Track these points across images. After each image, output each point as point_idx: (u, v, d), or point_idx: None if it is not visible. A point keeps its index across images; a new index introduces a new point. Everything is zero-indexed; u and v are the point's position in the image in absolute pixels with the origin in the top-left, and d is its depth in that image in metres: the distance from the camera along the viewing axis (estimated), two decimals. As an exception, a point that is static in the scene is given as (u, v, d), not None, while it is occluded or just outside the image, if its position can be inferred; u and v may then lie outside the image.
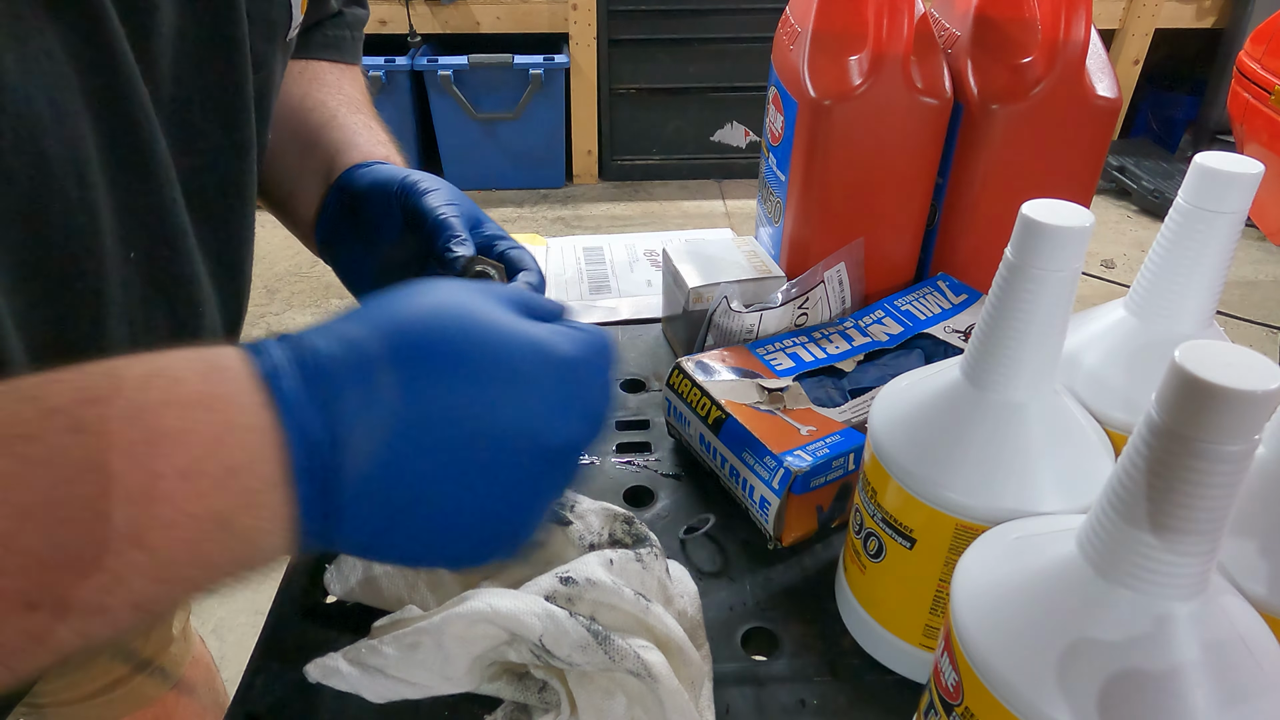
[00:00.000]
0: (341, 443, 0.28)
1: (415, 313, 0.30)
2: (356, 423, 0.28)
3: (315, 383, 0.28)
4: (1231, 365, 0.26)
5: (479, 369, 0.30)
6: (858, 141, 0.65)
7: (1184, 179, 0.42)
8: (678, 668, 0.43)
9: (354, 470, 0.28)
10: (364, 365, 0.28)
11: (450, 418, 0.29)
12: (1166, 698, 0.29)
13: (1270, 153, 1.48)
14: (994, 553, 0.36)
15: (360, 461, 0.28)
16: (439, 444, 0.29)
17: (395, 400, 0.28)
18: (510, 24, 2.78)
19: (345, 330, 0.29)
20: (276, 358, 0.28)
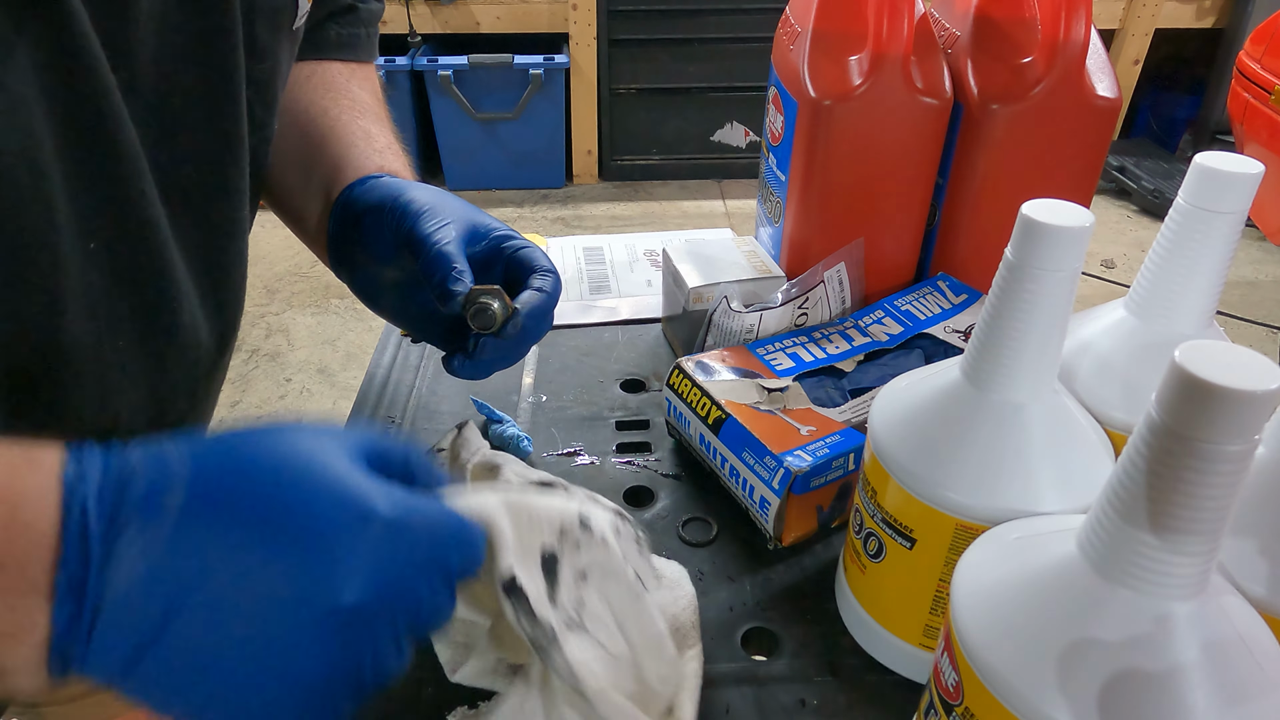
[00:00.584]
0: (108, 570, 0.27)
1: (231, 464, 0.29)
2: (126, 554, 0.27)
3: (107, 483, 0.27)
4: (1231, 365, 0.26)
5: (262, 524, 0.28)
6: (858, 141, 0.66)
7: (1184, 179, 0.42)
8: (648, 666, 0.41)
9: (115, 594, 0.27)
10: (154, 507, 0.28)
11: (213, 566, 0.28)
12: (1166, 698, 0.29)
13: (1270, 153, 1.48)
14: (994, 553, 0.36)
15: (122, 589, 0.27)
16: (200, 594, 0.28)
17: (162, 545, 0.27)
18: (510, 24, 2.78)
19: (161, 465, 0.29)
20: (87, 463, 0.28)
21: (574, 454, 0.64)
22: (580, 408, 0.69)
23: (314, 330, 2.30)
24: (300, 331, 2.29)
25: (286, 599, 0.28)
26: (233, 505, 0.28)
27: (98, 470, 0.28)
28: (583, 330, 0.79)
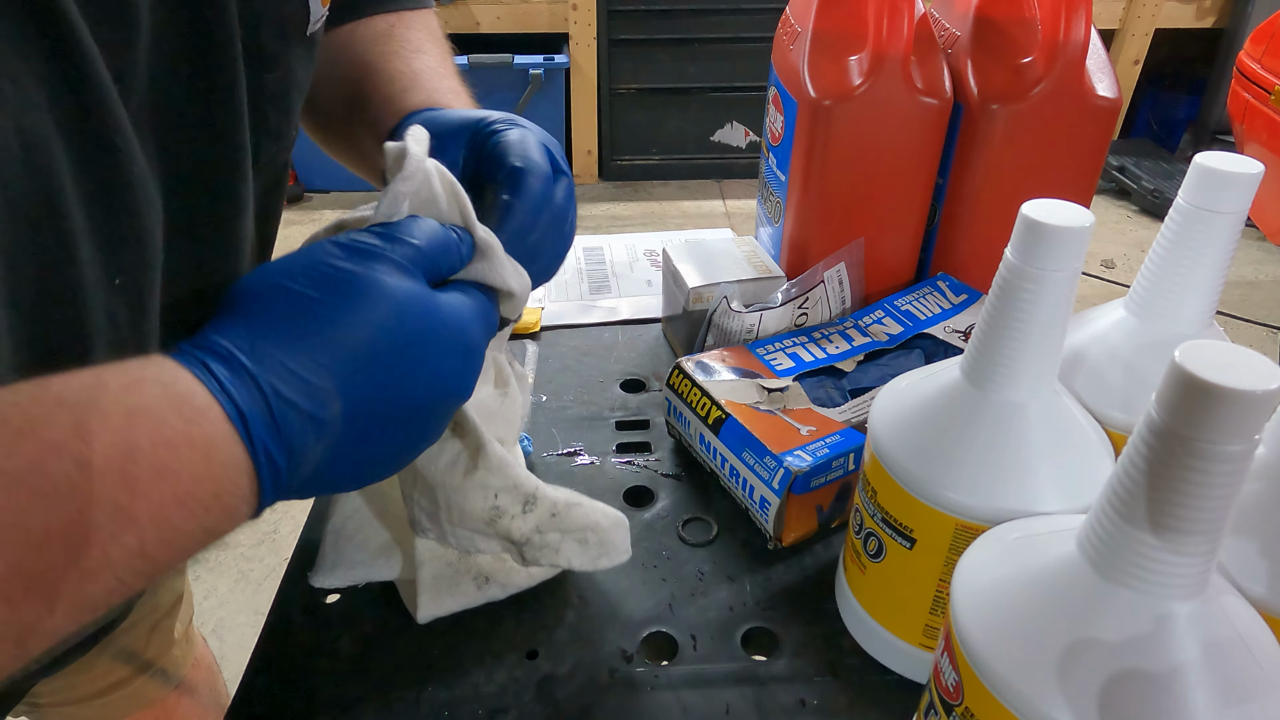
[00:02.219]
0: (298, 463, 0.33)
1: (346, 334, 0.34)
2: (310, 445, 0.33)
3: (276, 420, 0.32)
4: (1231, 365, 0.26)
5: (398, 368, 0.35)
6: (858, 141, 0.66)
7: (1184, 179, 0.42)
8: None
9: (305, 471, 0.34)
10: (314, 396, 0.33)
11: (374, 412, 0.35)
12: (1166, 698, 0.29)
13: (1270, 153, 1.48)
14: (994, 553, 0.36)
15: (309, 465, 0.34)
16: (368, 431, 0.35)
17: (334, 415, 0.33)
18: (510, 24, 2.78)
19: (288, 358, 0.33)
20: (241, 401, 0.31)
21: (574, 454, 0.64)
22: (580, 408, 0.69)
23: (314, 330, 2.29)
24: (300, 331, 2.28)
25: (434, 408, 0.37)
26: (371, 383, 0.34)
27: (255, 406, 0.32)
28: (583, 330, 0.79)
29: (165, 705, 0.79)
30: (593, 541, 0.49)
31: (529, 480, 0.45)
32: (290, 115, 0.50)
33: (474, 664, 0.49)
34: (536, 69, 2.69)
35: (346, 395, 0.33)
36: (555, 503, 0.46)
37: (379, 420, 0.35)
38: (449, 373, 0.37)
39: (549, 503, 0.46)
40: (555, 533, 0.47)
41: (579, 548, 0.48)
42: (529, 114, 2.80)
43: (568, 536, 0.48)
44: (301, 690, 0.48)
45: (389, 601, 0.52)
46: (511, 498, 0.45)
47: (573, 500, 0.47)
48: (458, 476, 0.44)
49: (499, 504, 0.44)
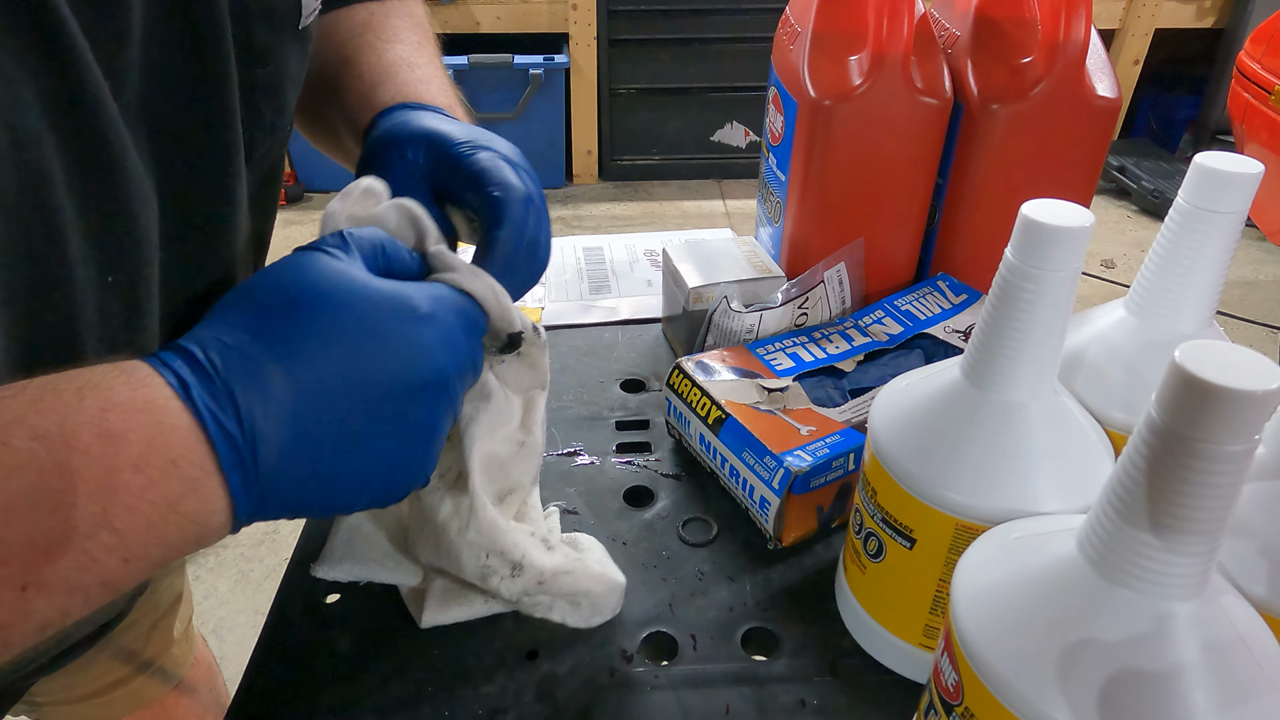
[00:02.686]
0: (247, 431, 0.32)
1: (275, 298, 0.35)
2: (257, 412, 0.33)
3: (216, 384, 0.32)
4: (1231, 365, 0.26)
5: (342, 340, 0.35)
6: (858, 141, 0.66)
7: (1184, 179, 0.42)
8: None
9: (268, 450, 0.33)
10: (249, 364, 0.33)
11: (327, 385, 0.34)
12: (1166, 698, 0.29)
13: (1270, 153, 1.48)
14: (994, 553, 0.36)
15: (269, 442, 0.33)
16: (327, 408, 0.34)
17: (280, 385, 0.33)
18: (510, 24, 2.78)
19: (224, 334, 0.34)
20: (179, 369, 0.32)
21: (574, 454, 0.64)
22: (580, 408, 0.69)
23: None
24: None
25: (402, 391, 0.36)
26: (308, 339, 0.34)
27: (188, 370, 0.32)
28: (583, 330, 0.79)
29: (165, 704, 0.79)
30: (585, 605, 0.49)
31: (515, 548, 0.45)
32: (284, 110, 0.49)
33: (474, 664, 0.49)
34: (536, 69, 2.69)
35: (279, 356, 0.33)
36: (542, 571, 0.46)
37: (335, 394, 0.34)
38: (403, 343, 0.36)
39: (535, 571, 0.46)
40: (545, 595, 0.47)
41: (571, 608, 0.49)
42: (529, 114, 2.82)
43: (559, 599, 0.48)
44: (301, 690, 0.48)
45: (389, 601, 0.52)
46: (500, 561, 0.45)
47: (563, 569, 0.47)
48: (453, 531, 0.45)
49: (489, 564, 0.45)
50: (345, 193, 0.42)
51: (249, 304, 0.35)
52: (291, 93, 0.50)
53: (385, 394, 0.35)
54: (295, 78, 0.50)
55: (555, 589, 0.47)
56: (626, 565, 0.55)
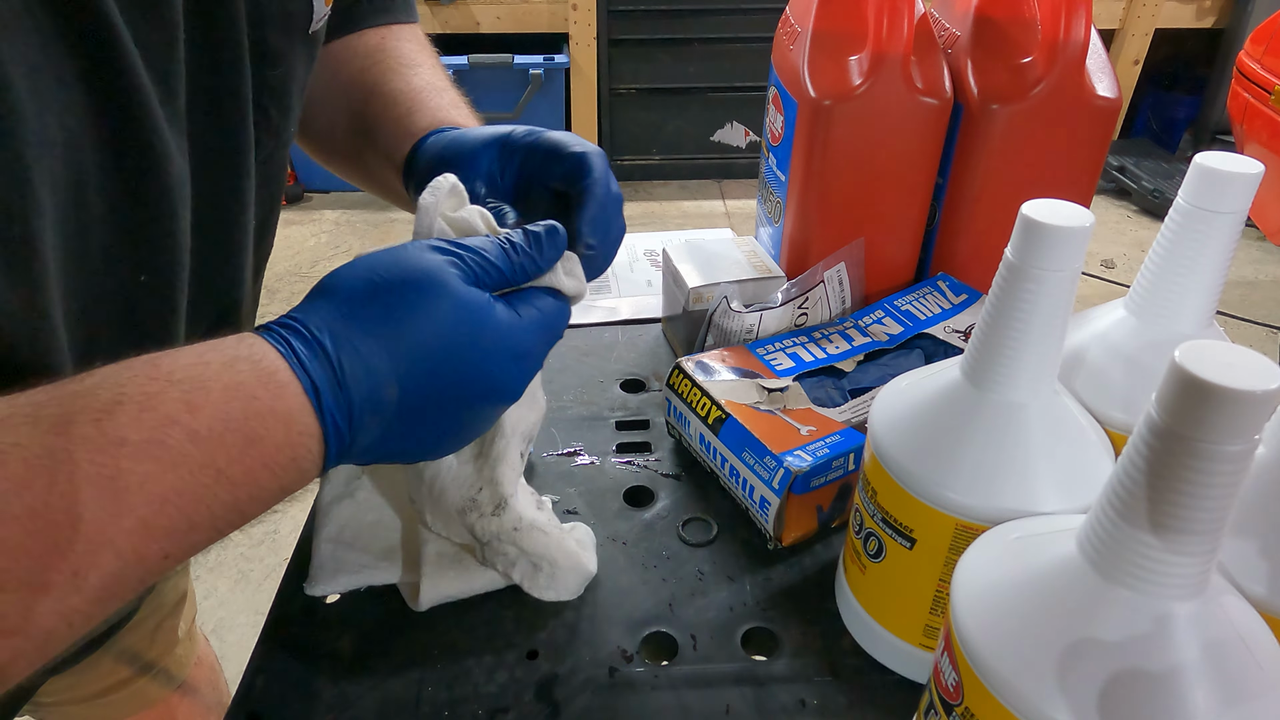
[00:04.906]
0: (356, 435, 0.37)
1: (410, 331, 0.37)
2: (365, 423, 0.37)
3: (342, 403, 0.36)
4: (1231, 365, 0.26)
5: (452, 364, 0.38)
6: (858, 141, 0.66)
7: (1184, 179, 0.42)
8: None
9: (361, 441, 0.37)
10: (373, 379, 0.36)
11: (429, 403, 0.38)
12: (1166, 698, 0.29)
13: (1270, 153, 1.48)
14: (994, 553, 0.36)
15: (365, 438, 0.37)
16: (423, 418, 0.38)
17: (393, 402, 0.37)
18: (510, 24, 2.78)
19: (359, 341, 0.36)
20: (314, 374, 0.35)
21: (574, 454, 0.64)
22: (580, 408, 0.69)
23: (314, 330, 2.29)
24: (300, 331, 2.28)
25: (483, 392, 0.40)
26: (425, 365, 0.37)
27: (325, 384, 0.35)
28: (583, 330, 0.79)
29: (168, 705, 0.79)
30: (544, 571, 0.50)
31: (509, 486, 0.46)
32: (290, 112, 0.50)
33: (474, 664, 0.49)
34: (536, 69, 2.69)
35: (403, 383, 0.36)
36: (520, 518, 0.47)
37: (431, 408, 0.38)
38: (499, 375, 0.39)
39: (514, 516, 0.47)
40: (512, 546, 0.48)
41: (531, 570, 0.50)
42: (529, 114, 2.82)
43: (524, 555, 0.49)
44: (301, 690, 0.48)
45: (389, 601, 0.52)
46: (489, 495, 0.46)
47: (539, 525, 0.48)
48: (463, 455, 0.46)
49: (477, 498, 0.46)
50: (434, 187, 0.43)
51: (385, 311, 0.37)
52: (297, 96, 0.50)
53: (470, 408, 0.39)
54: (301, 81, 0.50)
55: (526, 543, 0.48)
56: (626, 565, 0.55)
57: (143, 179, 0.38)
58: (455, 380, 0.38)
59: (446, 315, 0.37)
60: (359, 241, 2.71)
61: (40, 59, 0.32)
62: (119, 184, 0.37)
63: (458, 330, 0.38)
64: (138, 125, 0.37)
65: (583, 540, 0.53)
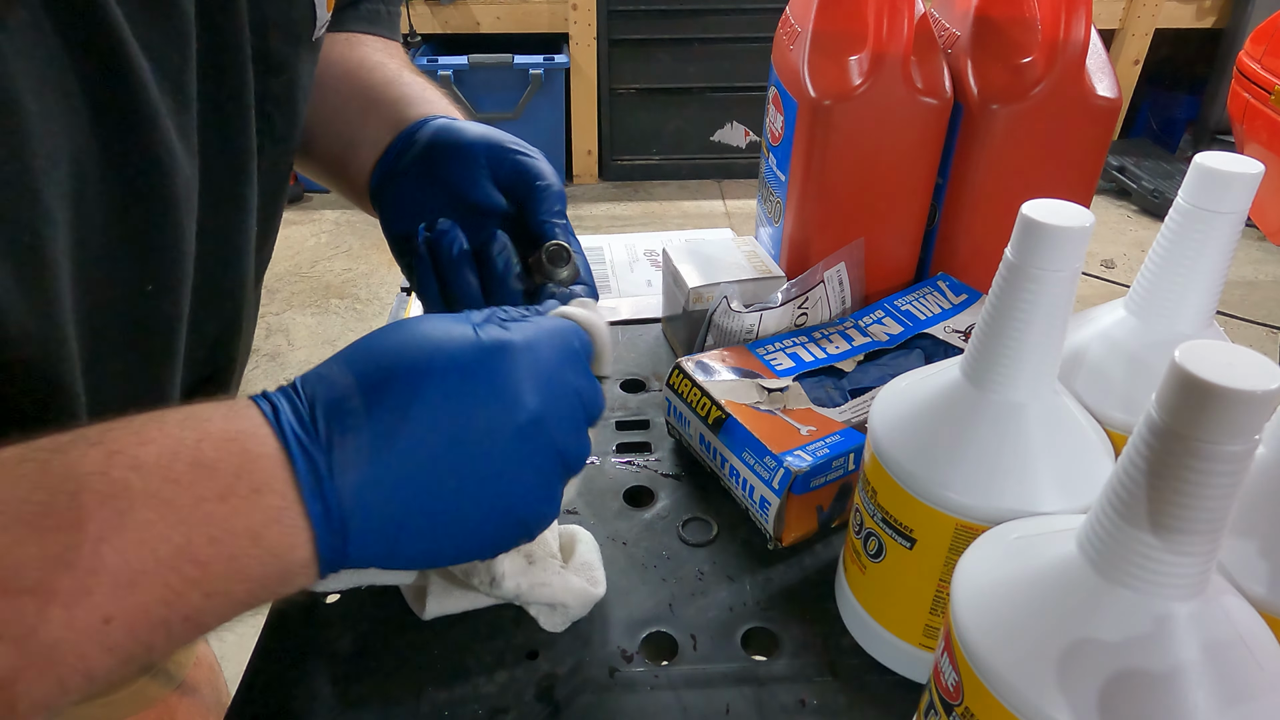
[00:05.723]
0: (333, 461, 0.32)
1: (377, 348, 0.35)
2: (341, 444, 0.33)
3: (306, 417, 0.33)
4: (1231, 365, 0.26)
5: (425, 380, 0.34)
6: (858, 141, 0.66)
7: (1184, 179, 0.42)
8: None
9: (349, 482, 0.32)
10: (337, 397, 0.33)
11: (417, 422, 0.33)
12: (1166, 698, 0.29)
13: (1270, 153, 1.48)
14: (994, 553, 0.36)
15: (351, 475, 0.32)
16: (412, 447, 0.33)
17: (363, 422, 0.33)
18: (510, 24, 2.78)
19: (325, 372, 0.34)
20: (273, 397, 0.33)
21: (574, 454, 0.64)
22: (580, 408, 0.69)
23: (314, 330, 2.30)
24: (300, 331, 2.29)
25: (482, 436, 0.34)
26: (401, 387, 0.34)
27: (283, 400, 0.33)
28: (583, 330, 0.79)
29: (167, 705, 0.79)
30: (559, 611, 0.50)
31: (495, 564, 0.47)
32: (295, 120, 0.50)
33: (474, 664, 0.49)
34: (536, 69, 2.69)
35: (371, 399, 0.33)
36: (518, 586, 0.47)
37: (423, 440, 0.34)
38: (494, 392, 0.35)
39: (511, 586, 0.47)
40: (523, 600, 0.49)
41: (548, 611, 0.50)
42: (529, 114, 2.83)
43: (537, 605, 0.50)
44: (301, 690, 0.48)
45: (389, 601, 0.52)
46: (485, 567, 0.47)
47: (540, 582, 0.48)
48: None
49: (477, 565, 0.47)
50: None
51: (361, 349, 0.35)
52: (302, 103, 0.50)
53: (477, 442, 0.34)
54: (306, 88, 0.50)
55: (532, 598, 0.48)
56: (626, 565, 0.55)
57: (149, 190, 0.38)
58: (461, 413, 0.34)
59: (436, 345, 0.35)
60: (359, 241, 2.71)
61: (48, 72, 0.32)
62: (124, 195, 0.37)
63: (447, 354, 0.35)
64: (145, 138, 0.37)
65: (589, 561, 0.53)
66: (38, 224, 0.33)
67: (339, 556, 0.33)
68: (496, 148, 0.50)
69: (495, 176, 0.50)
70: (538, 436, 0.35)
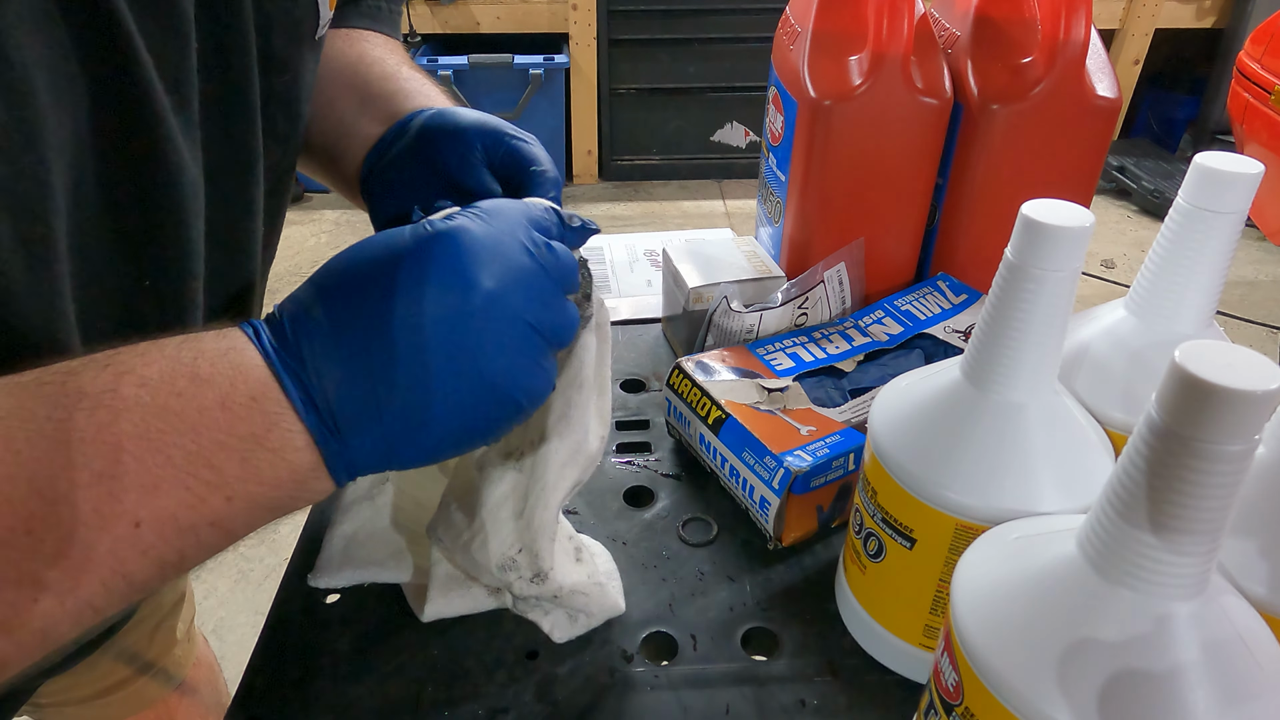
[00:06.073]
0: (308, 368, 0.34)
1: (337, 260, 0.36)
2: (310, 349, 0.34)
3: (282, 331, 0.34)
4: (1231, 365, 0.26)
5: (374, 276, 0.34)
6: (858, 141, 0.66)
7: (1184, 179, 0.42)
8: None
9: (327, 382, 0.34)
10: (302, 311, 0.34)
11: (373, 315, 0.34)
12: (1166, 698, 0.29)
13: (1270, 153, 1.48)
14: (994, 553, 0.36)
15: (327, 375, 0.34)
16: (371, 340, 0.34)
17: (325, 326, 0.34)
18: (510, 24, 2.78)
19: (296, 293, 0.35)
20: (255, 322, 0.35)
21: (574, 454, 0.64)
22: (580, 408, 0.69)
23: (314, 330, 2.29)
24: (300, 331, 2.28)
25: (440, 320, 0.34)
26: (353, 287, 0.34)
27: (265, 325, 0.35)
28: (583, 330, 0.79)
29: (167, 705, 0.79)
30: (580, 621, 0.50)
31: (548, 557, 0.44)
32: (298, 119, 0.50)
33: (474, 664, 0.49)
34: (536, 69, 2.69)
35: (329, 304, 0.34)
36: (561, 587, 0.45)
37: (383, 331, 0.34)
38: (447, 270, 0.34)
39: (555, 585, 0.45)
40: (551, 603, 0.48)
41: (566, 620, 0.49)
42: (529, 114, 2.82)
43: (561, 610, 0.49)
44: (301, 690, 0.48)
45: (389, 601, 0.52)
46: (528, 561, 0.44)
47: (580, 588, 0.47)
48: (504, 513, 0.43)
49: (516, 559, 0.44)
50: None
51: (326, 265, 0.36)
52: (305, 102, 0.50)
53: (436, 326, 0.34)
54: (308, 88, 0.50)
55: (565, 603, 0.47)
56: (627, 565, 0.55)
57: (153, 187, 0.38)
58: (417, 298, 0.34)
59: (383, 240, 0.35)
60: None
61: (58, 62, 0.33)
62: (122, 189, 0.37)
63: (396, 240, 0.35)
64: (149, 132, 0.37)
65: (610, 571, 0.52)
66: (50, 215, 0.34)
67: (343, 458, 0.34)
68: (492, 133, 0.49)
69: (490, 161, 0.50)
70: (499, 313, 0.35)
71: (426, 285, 0.34)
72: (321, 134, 0.58)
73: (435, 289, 0.34)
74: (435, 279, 0.34)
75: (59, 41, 0.33)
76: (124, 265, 0.40)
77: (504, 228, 0.37)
